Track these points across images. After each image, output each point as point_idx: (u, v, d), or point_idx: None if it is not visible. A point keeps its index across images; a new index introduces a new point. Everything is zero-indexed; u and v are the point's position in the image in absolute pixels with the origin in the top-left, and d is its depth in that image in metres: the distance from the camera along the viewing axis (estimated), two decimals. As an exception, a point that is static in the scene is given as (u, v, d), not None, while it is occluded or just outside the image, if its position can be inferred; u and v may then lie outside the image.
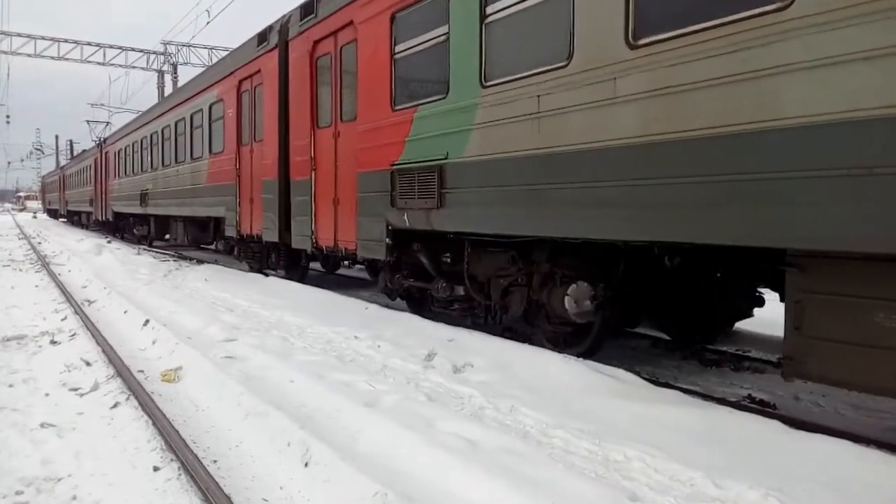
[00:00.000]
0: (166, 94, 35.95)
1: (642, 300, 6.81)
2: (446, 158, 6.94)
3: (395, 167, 7.80)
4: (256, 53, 12.46)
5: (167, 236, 21.85)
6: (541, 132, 5.75)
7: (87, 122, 43.03)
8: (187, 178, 17.07)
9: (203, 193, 15.72)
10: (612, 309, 6.44)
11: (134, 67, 40.68)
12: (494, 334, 7.06)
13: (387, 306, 9.03)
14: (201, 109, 15.93)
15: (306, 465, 4.01)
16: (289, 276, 12.47)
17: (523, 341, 6.92)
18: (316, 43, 10.08)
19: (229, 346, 7.04)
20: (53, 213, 60.07)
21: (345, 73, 9.40)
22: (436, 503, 3.45)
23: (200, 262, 17.59)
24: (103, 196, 30.67)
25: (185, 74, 37.48)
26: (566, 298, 6.28)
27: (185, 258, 19.12)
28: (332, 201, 9.63)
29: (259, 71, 12.28)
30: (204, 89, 16.00)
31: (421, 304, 9.07)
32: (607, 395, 5.09)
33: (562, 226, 5.71)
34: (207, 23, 28.44)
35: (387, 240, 8.08)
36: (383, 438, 4.24)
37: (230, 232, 14.07)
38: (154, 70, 40.94)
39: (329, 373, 5.83)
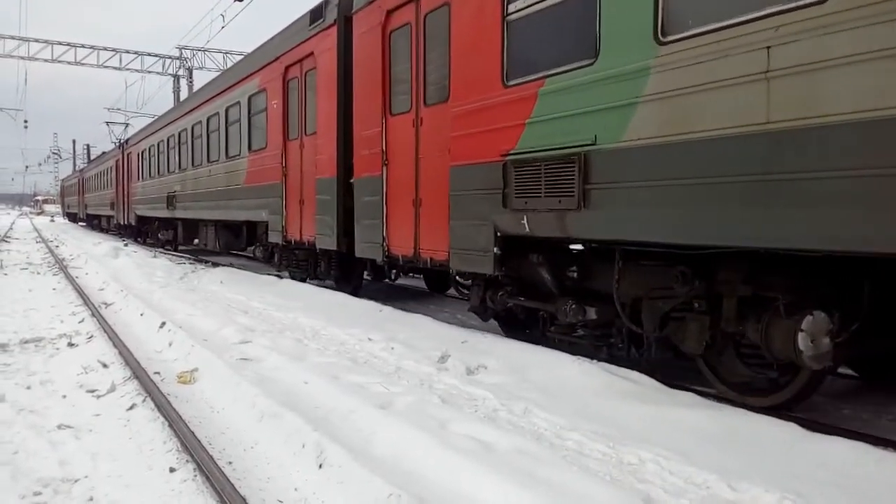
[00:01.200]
0: (182, 98, 36.16)
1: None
2: (594, 144, 5.41)
3: (509, 157, 6.30)
4: (308, 34, 10.98)
5: (195, 241, 20.54)
6: (772, 99, 4.14)
7: (107, 123, 43.34)
8: (221, 179, 15.74)
9: (241, 195, 14.38)
10: (853, 348, 4.97)
11: (150, 72, 41.06)
12: (510, 338, 7.06)
13: (402, 309, 8.93)
14: (238, 102, 14.48)
15: (321, 466, 4.02)
16: (339, 288, 11.15)
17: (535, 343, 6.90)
18: (390, 13, 8.59)
19: (244, 347, 7.09)
20: (73, 217, 59.37)
21: (430, 47, 7.83)
22: (449, 505, 3.44)
23: (216, 264, 17.69)
24: (125, 199, 29.66)
25: (201, 79, 37.82)
26: (800, 336, 4.53)
27: (200, 261, 19.22)
28: (411, 202, 8.13)
29: (311, 54, 10.88)
30: (241, 80, 14.46)
31: (525, 328, 7.52)
32: (621, 398, 5.07)
33: (819, 232, 3.98)
34: (222, 27, 28.57)
35: (495, 249, 6.56)
36: (397, 440, 4.24)
37: (275, 238, 12.58)
38: (169, 75, 41.26)
39: (343, 374, 5.85)
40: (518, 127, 6.21)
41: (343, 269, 11.03)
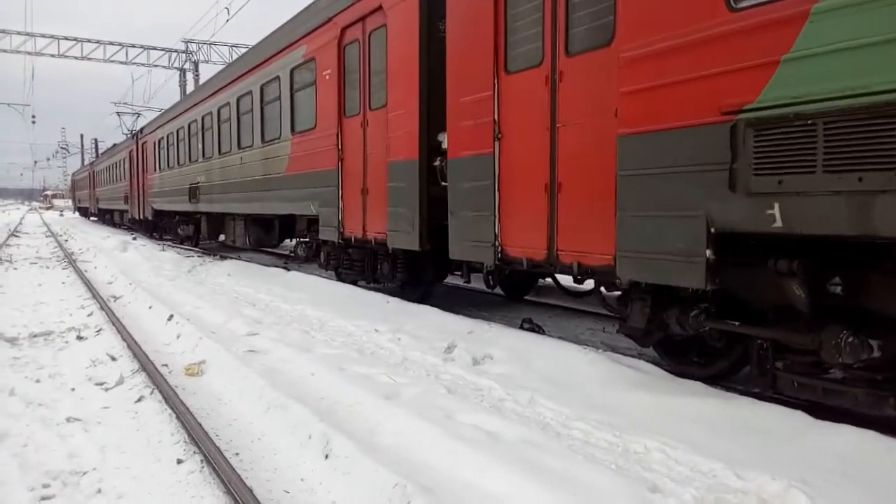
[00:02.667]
0: (188, 91, 36.14)
1: None
2: None
3: (743, 115, 4.34)
4: None
5: (221, 237, 18.80)
6: None
7: (118, 112, 42.73)
8: (255, 168, 13.76)
9: (281, 185, 12.40)
10: None
11: (156, 66, 41.07)
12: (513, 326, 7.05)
13: (414, 302, 8.79)
14: (277, 78, 12.49)
15: (327, 457, 4.04)
16: (405, 294, 9.42)
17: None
18: None
19: (251, 339, 7.11)
20: (84, 212, 57.41)
21: None
22: (455, 495, 3.45)
23: (224, 257, 17.75)
24: (140, 192, 27.55)
25: (207, 72, 37.81)
26: None
27: (208, 254, 19.27)
28: (542, 188, 6.24)
29: (379, 8, 8.96)
30: (281, 51, 12.38)
31: (702, 362, 5.82)
32: (627, 387, 5.06)
33: None
34: (227, 20, 28.56)
35: (707, 253, 4.58)
36: (403, 431, 4.25)
37: (328, 234, 10.62)
38: (176, 68, 41.31)
39: (349, 366, 5.86)
40: (764, 68, 4.27)
41: (411, 272, 9.31)
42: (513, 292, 10.56)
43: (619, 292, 5.95)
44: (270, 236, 14.67)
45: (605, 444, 4.13)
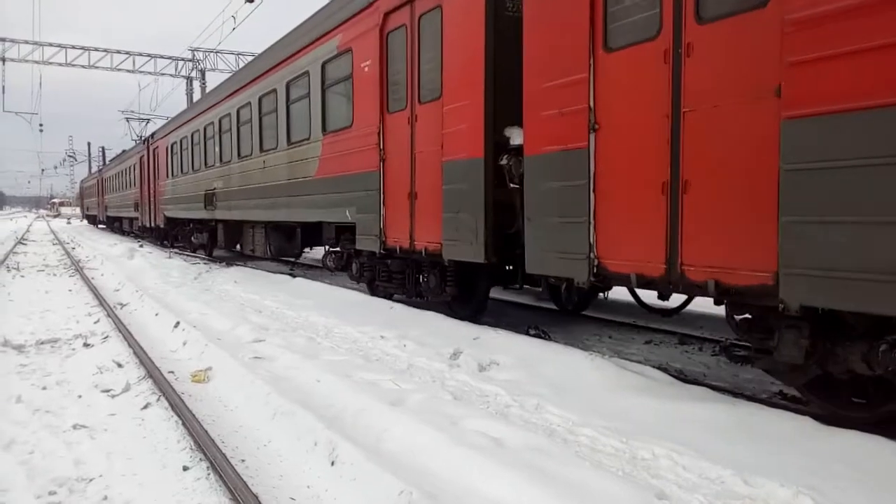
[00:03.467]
0: (195, 99, 36.26)
1: None
2: None
3: None
4: None
5: (237, 246, 17.79)
6: None
7: (126, 118, 42.65)
8: (281, 171, 12.71)
9: (310, 190, 11.32)
10: None
11: (163, 74, 41.24)
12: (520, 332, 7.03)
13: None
14: (307, 72, 11.37)
15: (333, 463, 4.03)
16: (454, 311, 8.63)
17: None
18: None
19: (257, 346, 7.12)
20: (93, 220, 56.06)
21: None
22: (461, 501, 3.44)
23: (230, 264, 17.78)
24: (151, 199, 26.48)
25: (213, 80, 37.99)
26: None
27: (215, 261, 19.30)
28: (655, 187, 5.15)
29: None
30: (310, 44, 11.25)
31: None
32: (634, 393, 5.04)
33: None
34: (233, 29, 28.66)
35: None
36: (409, 437, 4.24)
37: (367, 244, 9.47)
38: (182, 77, 41.50)
39: (355, 372, 5.86)
40: None
41: (463, 286, 8.30)
42: (568, 305, 9.78)
43: (747, 315, 4.96)
44: (292, 245, 13.85)
45: (612, 450, 4.12)
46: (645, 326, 8.55)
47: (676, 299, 5.87)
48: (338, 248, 11.28)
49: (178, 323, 8.49)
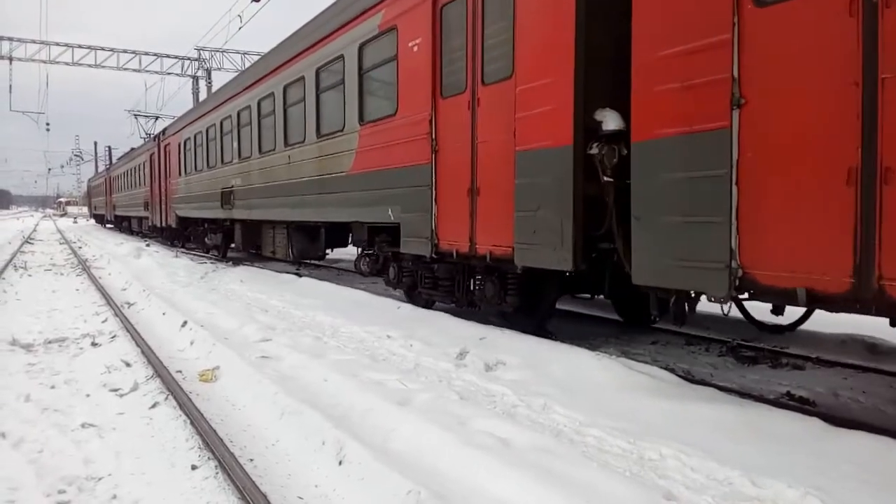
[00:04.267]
0: (201, 99, 36.31)
1: None
2: None
3: None
4: None
5: (257, 248, 16.60)
6: None
7: (135, 115, 42.33)
8: (309, 167, 11.62)
9: (344, 186, 10.30)
10: None
11: (169, 74, 41.35)
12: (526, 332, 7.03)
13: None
14: (341, 56, 10.27)
15: (340, 463, 4.04)
16: (513, 322, 7.61)
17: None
18: None
19: (264, 345, 7.14)
20: (100, 219, 55.00)
21: None
22: (469, 501, 3.45)
23: (237, 263, 17.81)
24: (162, 198, 25.39)
25: (219, 80, 38.07)
26: None
27: (221, 260, 19.33)
28: (839, 177, 4.13)
29: None
30: (347, 23, 10.11)
31: None
32: (641, 393, 5.04)
33: None
34: (239, 28, 28.72)
35: None
36: (416, 437, 4.25)
37: (415, 247, 8.45)
38: (188, 76, 41.60)
39: (362, 372, 5.87)
40: None
41: (526, 295, 7.38)
42: (633, 316, 8.73)
43: None
44: (316, 247, 12.99)
45: (619, 450, 4.12)
46: (650, 327, 8.53)
47: (791, 312, 5.10)
48: (371, 251, 10.28)
49: (185, 322, 8.51)
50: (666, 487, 3.55)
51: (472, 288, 7.98)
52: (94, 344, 7.95)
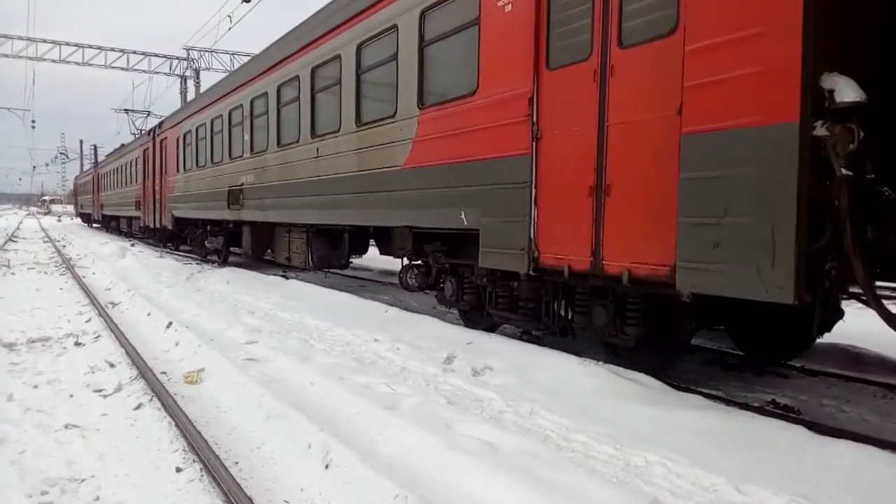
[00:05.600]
0: (188, 99, 36.08)
1: None
2: None
3: None
4: None
5: (270, 253, 15.09)
6: None
7: (126, 110, 41.65)
8: (345, 161, 9.76)
9: (395, 183, 8.44)
10: None
11: (157, 73, 41.08)
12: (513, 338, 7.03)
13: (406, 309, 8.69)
14: (393, 27, 8.47)
15: (327, 466, 4.02)
16: (635, 362, 5.96)
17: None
18: None
19: (250, 348, 7.10)
20: (87, 218, 52.63)
21: None
22: (456, 506, 3.44)
23: (222, 264, 17.71)
24: (157, 197, 23.34)
25: (208, 80, 37.89)
26: None
27: (206, 261, 19.22)
28: None
29: None
30: None
31: None
32: (628, 400, 5.05)
33: None
34: (229, 28, 28.62)
35: None
36: (403, 441, 4.24)
37: (500, 261, 6.72)
38: (176, 75, 41.38)
39: (349, 375, 5.85)
40: None
41: (652, 326, 5.83)
42: (765, 351, 7.08)
43: None
44: (339, 253, 11.48)
45: (606, 456, 4.13)
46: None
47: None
48: (419, 262, 8.91)
49: (170, 323, 8.46)
50: (652, 494, 3.56)
51: (565, 313, 6.56)
52: (77, 344, 7.88)
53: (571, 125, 5.94)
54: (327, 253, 11.61)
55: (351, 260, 11.93)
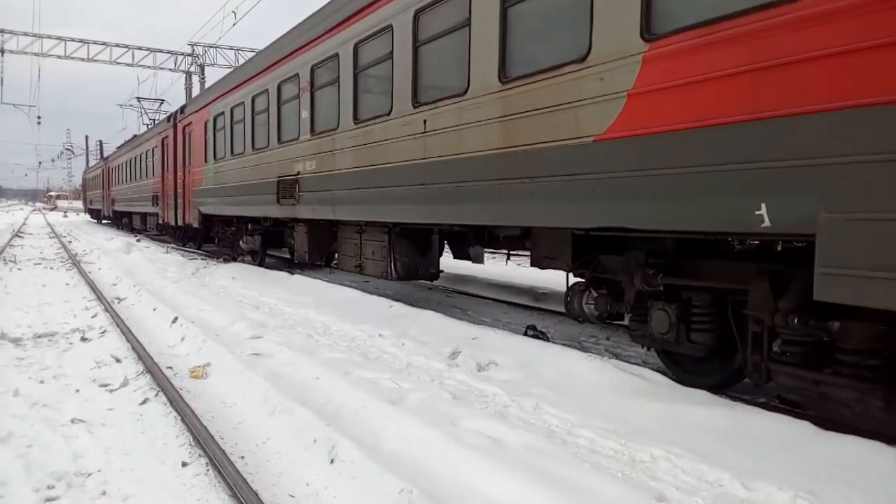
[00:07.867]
0: (193, 95, 36.08)
1: None
2: None
3: None
4: None
5: (335, 260, 13.02)
6: None
7: (138, 98, 41.14)
8: (479, 136, 6.80)
9: (586, 164, 5.46)
10: None
11: (162, 69, 41.18)
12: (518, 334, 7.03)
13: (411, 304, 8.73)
14: None
15: (332, 461, 4.03)
16: None
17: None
18: None
19: (256, 343, 7.11)
20: (97, 214, 49.02)
21: None
22: (460, 501, 3.44)
23: (227, 260, 17.74)
24: (179, 191, 20.49)
25: (212, 76, 37.90)
26: None
27: (212, 256, 19.23)
28: None
29: None
30: None
31: None
32: (633, 395, 5.05)
33: None
34: (234, 24, 28.68)
35: None
36: (408, 436, 4.24)
37: (884, 293, 3.51)
38: (181, 71, 41.42)
39: (354, 370, 5.86)
40: None
41: None
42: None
43: None
44: (427, 260, 9.57)
45: (611, 452, 4.13)
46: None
47: None
48: (583, 279, 6.63)
49: (176, 318, 8.47)
50: (657, 489, 3.56)
51: None
52: (83, 339, 7.90)
53: None
54: (414, 260, 9.50)
55: (442, 269, 10.05)
